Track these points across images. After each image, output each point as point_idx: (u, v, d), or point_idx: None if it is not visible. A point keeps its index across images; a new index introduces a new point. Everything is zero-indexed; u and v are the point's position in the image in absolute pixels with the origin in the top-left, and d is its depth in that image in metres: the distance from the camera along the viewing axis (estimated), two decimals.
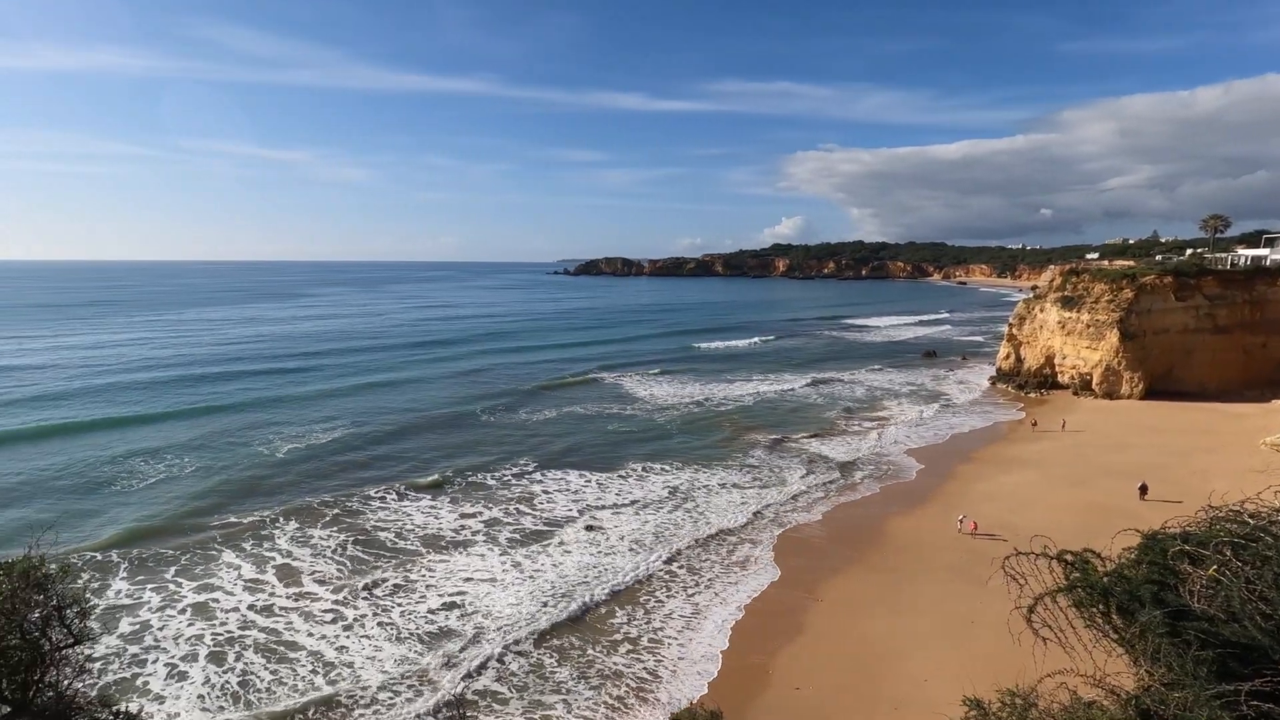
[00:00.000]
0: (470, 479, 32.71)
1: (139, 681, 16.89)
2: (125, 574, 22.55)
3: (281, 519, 27.24)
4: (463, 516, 28.10)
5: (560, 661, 18.17)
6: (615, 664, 18.02)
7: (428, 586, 22.16)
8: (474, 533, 26.60)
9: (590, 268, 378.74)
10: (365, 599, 21.19)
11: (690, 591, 21.93)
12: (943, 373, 64.09)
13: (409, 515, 28.09)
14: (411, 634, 19.37)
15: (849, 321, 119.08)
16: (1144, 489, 29.21)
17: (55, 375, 55.46)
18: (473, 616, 20.31)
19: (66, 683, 7.14)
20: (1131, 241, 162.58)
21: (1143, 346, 50.82)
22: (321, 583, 22.28)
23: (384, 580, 22.41)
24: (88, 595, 7.57)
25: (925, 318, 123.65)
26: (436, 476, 32.61)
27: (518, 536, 26.32)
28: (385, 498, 29.92)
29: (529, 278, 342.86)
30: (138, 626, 19.42)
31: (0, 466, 32.36)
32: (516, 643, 18.92)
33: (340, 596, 21.37)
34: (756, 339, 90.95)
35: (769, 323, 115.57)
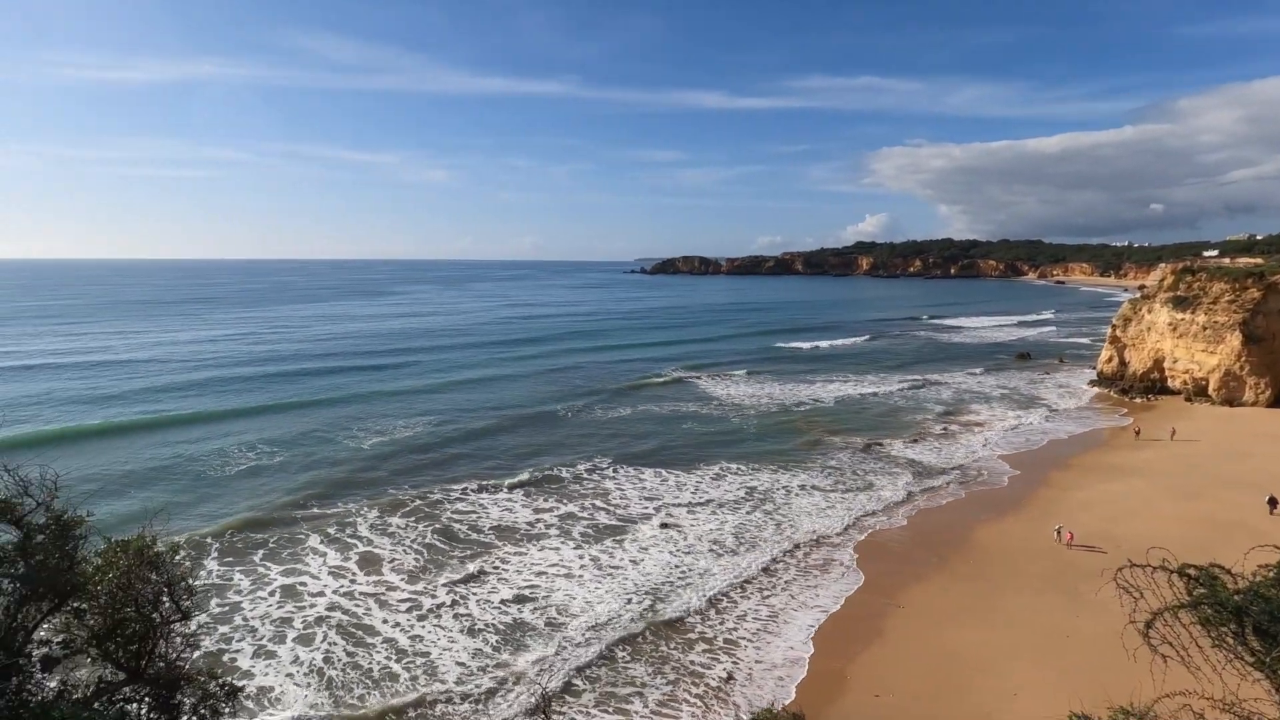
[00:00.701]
0: (547, 474, 33.24)
1: (226, 658, 17.81)
2: (215, 556, 23.83)
3: (365, 509, 28.30)
4: (538, 511, 28.58)
5: (635, 657, 18.20)
6: (692, 662, 17.94)
7: (502, 579, 22.59)
8: (549, 527, 27.00)
9: (667, 266, 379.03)
10: (447, 588, 21.82)
11: (767, 593, 21.64)
12: (1039, 376, 61.06)
13: (486, 509, 28.77)
14: (487, 625, 19.76)
15: (937, 321, 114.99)
16: (1274, 502, 27.02)
17: (160, 369, 59.47)
18: (546, 609, 20.58)
19: (174, 654, 7.67)
20: (1259, 237, 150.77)
21: (1270, 350, 47.07)
22: (399, 571, 23.06)
23: (472, 572, 22.98)
24: (217, 569, 8.21)
25: (1022, 318, 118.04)
26: (514, 472, 33.27)
27: (593, 532, 26.57)
28: (463, 491, 30.71)
29: (606, 276, 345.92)
30: (227, 607, 20.46)
31: (111, 455, 34.82)
32: (595, 638, 19.08)
33: (418, 586, 22.03)
34: (840, 339, 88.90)
35: (853, 322, 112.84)
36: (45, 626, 7.43)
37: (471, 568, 23.36)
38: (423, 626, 19.70)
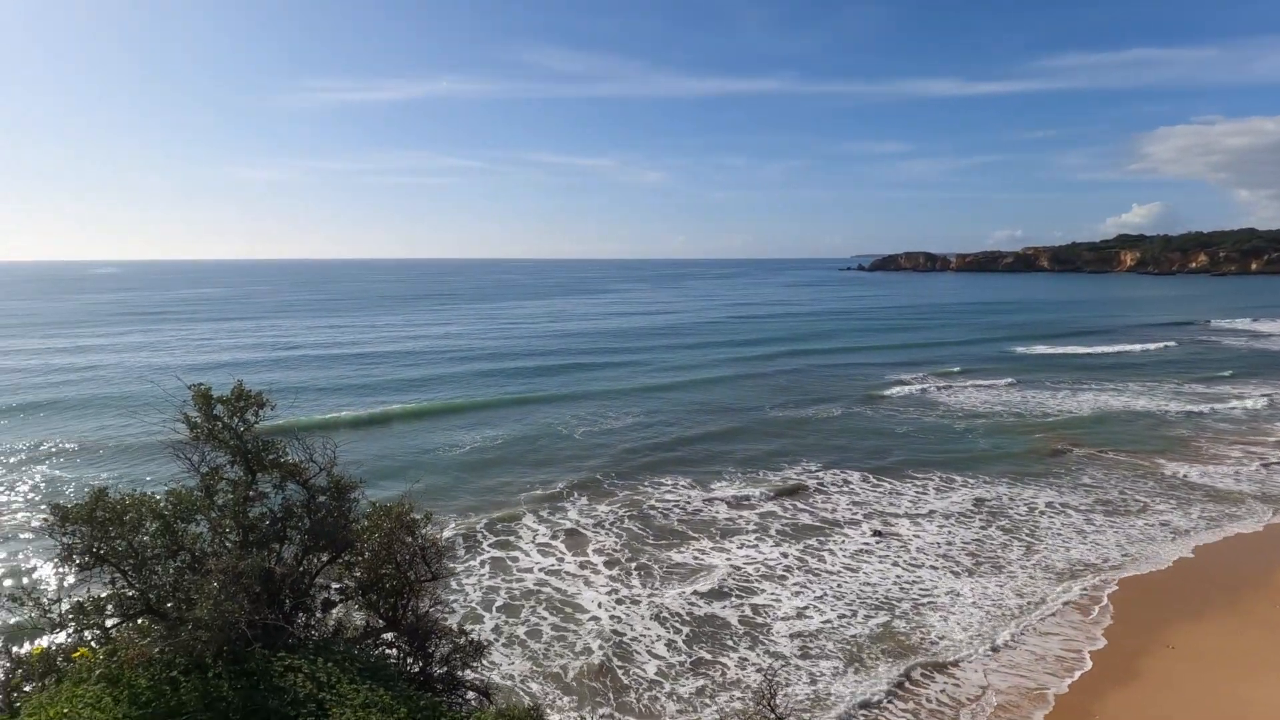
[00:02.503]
0: (749, 474, 33.52)
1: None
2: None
3: (575, 495, 30.26)
4: (738, 507, 28.93)
5: (861, 671, 17.67)
6: (921, 684, 17.13)
7: (701, 572, 23.04)
8: (747, 523, 27.30)
9: (888, 263, 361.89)
10: (645, 575, 22.70)
11: (1003, 611, 20.02)
12: None
13: (687, 502, 29.65)
14: (685, 617, 20.20)
15: (1229, 325, 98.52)
16: None
17: (411, 361, 67.67)
18: (741, 607, 20.60)
19: (425, 609, 8.87)
20: None
21: None
22: (601, 554, 24.48)
23: (673, 562, 23.79)
24: (449, 537, 9.52)
25: None
26: (717, 470, 33.99)
27: (792, 531, 26.41)
28: (667, 484, 31.85)
29: (821, 274, 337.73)
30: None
31: (369, 442, 40.23)
32: (813, 646, 18.81)
33: (615, 571, 23.24)
34: (1096, 345, 79.23)
35: (1113, 325, 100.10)
36: (324, 575, 8.93)
37: (672, 558, 24.21)
38: (621, 610, 20.68)
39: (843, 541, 25.56)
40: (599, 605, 20.91)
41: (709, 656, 18.48)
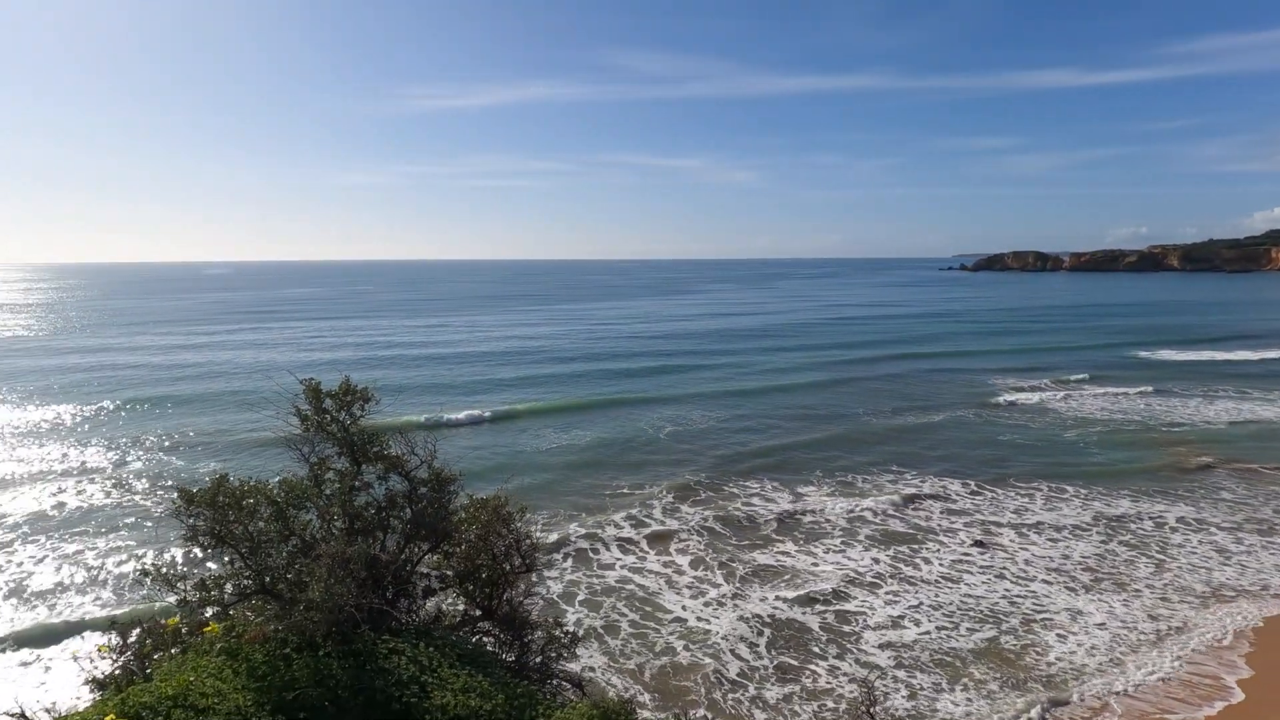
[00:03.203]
0: (839, 478, 32.99)
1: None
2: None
3: (661, 493, 30.52)
4: (825, 511, 28.49)
5: (971, 689, 17.06)
6: (1051, 707, 16.41)
7: (786, 576, 22.78)
8: (834, 527, 26.93)
9: (993, 263, 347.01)
10: (729, 576, 22.60)
11: (1137, 635, 18.87)
12: None
13: (774, 504, 29.44)
14: (767, 621, 20.05)
15: None
16: None
17: (502, 361, 69.68)
18: (826, 614, 20.22)
19: (519, 600, 9.18)
20: None
21: None
22: (685, 554, 24.57)
23: (757, 564, 23.61)
24: (540, 531, 9.85)
25: None
26: (804, 473, 33.57)
27: (881, 537, 25.81)
28: (754, 485, 31.74)
29: (919, 275, 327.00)
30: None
31: (464, 440, 41.62)
32: (907, 657, 18.32)
33: (700, 571, 23.27)
34: (1234, 351, 73.39)
35: (1259, 329, 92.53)
36: (424, 563, 9.36)
37: (756, 559, 24.11)
38: (703, 610, 20.68)
39: (938, 550, 24.83)
40: (681, 606, 21.00)
41: (795, 662, 18.24)
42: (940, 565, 23.65)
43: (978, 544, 25.17)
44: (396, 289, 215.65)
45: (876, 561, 23.99)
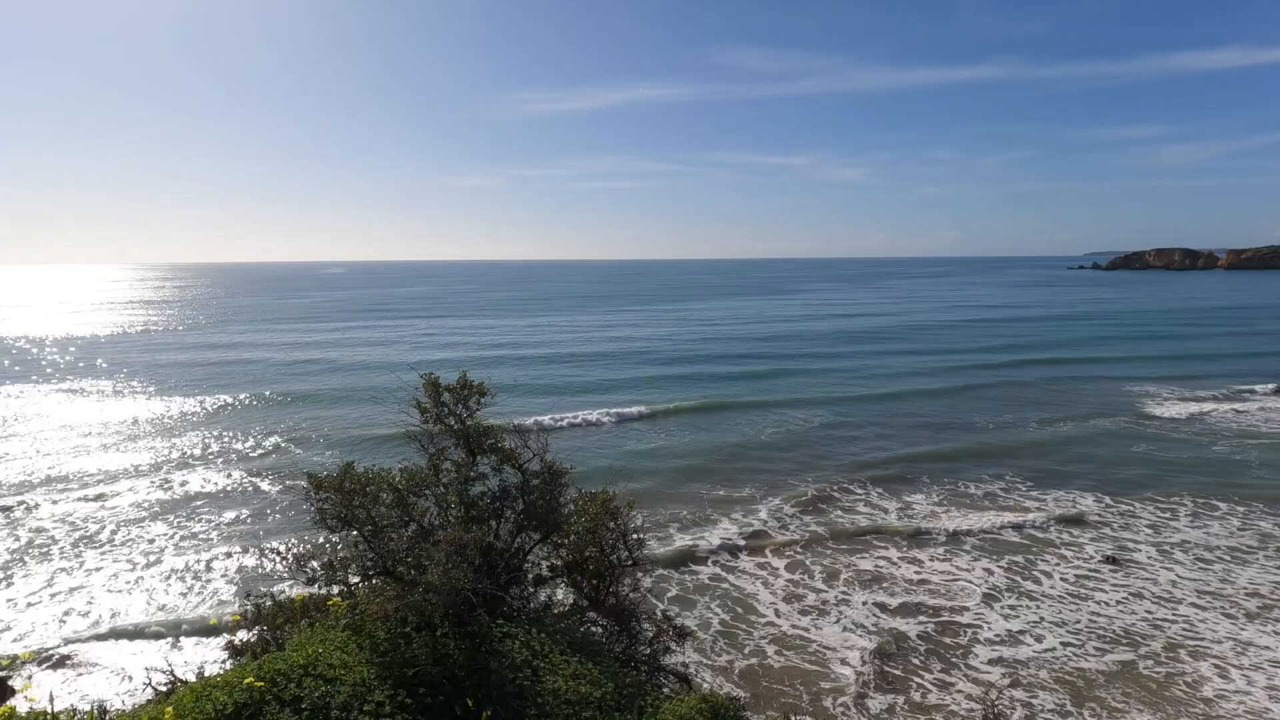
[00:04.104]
0: (950, 487, 31.90)
1: None
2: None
3: (764, 496, 30.39)
4: (932, 519, 27.68)
5: (1099, 714, 16.21)
6: None
7: (889, 583, 22.27)
8: (939, 533, 26.19)
9: (1132, 261, 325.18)
10: (829, 580, 22.22)
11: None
12: None
13: (882, 511, 28.83)
14: (863, 627, 19.65)
15: None
16: None
17: (606, 362, 70.89)
18: (926, 625, 19.54)
19: (625, 592, 9.48)
20: None
21: None
22: (783, 557, 24.41)
23: (859, 569, 23.16)
24: (645, 527, 10.17)
25: None
26: (914, 480, 32.74)
27: (991, 547, 24.72)
28: (860, 491, 31.23)
29: (1048, 274, 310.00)
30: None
31: (564, 442, 42.68)
32: (1024, 674, 17.56)
33: (797, 575, 23.06)
34: None
35: None
36: (534, 553, 9.80)
37: (857, 565, 23.71)
38: (798, 614, 20.49)
39: (1058, 564, 23.68)
40: (774, 609, 20.91)
41: (898, 672, 17.80)
42: (1064, 580, 22.52)
43: (1110, 560, 23.79)
44: (498, 288, 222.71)
45: (989, 573, 23.11)
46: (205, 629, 18.80)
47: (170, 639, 18.58)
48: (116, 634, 18.80)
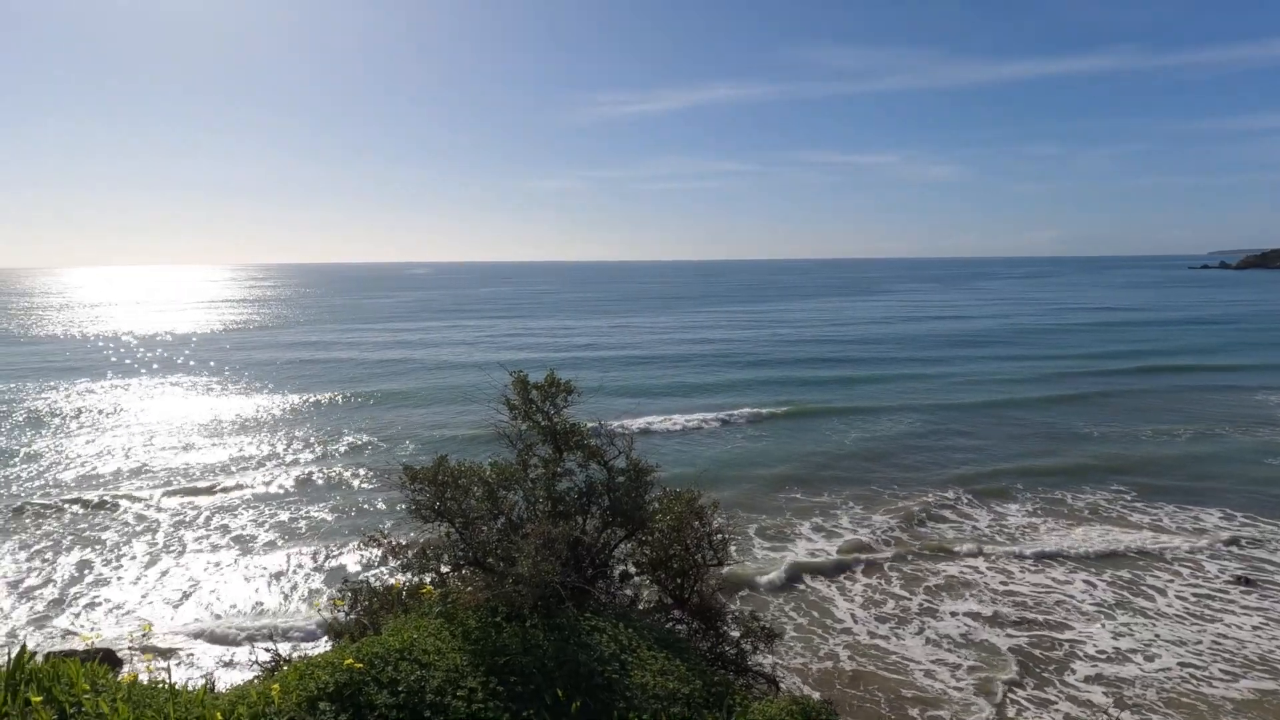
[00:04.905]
0: (1044, 494, 30.84)
1: None
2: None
3: (847, 502, 29.98)
4: (1029, 529, 26.71)
5: None
6: None
7: (982, 592, 21.52)
8: (1043, 545, 25.18)
9: (1269, 259, 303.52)
10: (909, 586, 21.68)
11: None
12: None
13: (971, 518, 28.13)
14: (949, 638, 19.10)
15: None
16: None
17: (687, 364, 71.09)
18: (1020, 637, 18.78)
19: (709, 592, 9.59)
20: None
21: None
22: (860, 560, 24.10)
23: (949, 576, 22.55)
24: (730, 527, 10.32)
25: None
26: (1009, 488, 31.71)
27: (1093, 559, 23.64)
28: (950, 497, 30.45)
29: (1165, 274, 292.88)
30: None
31: (641, 443, 42.97)
32: (1130, 694, 16.78)
33: (872, 580, 22.70)
34: None
35: None
36: (619, 549, 10.02)
37: (945, 570, 23.19)
38: (876, 621, 20.17)
39: (1171, 580, 22.49)
40: (850, 614, 20.63)
41: (986, 685, 17.27)
42: (1181, 599, 21.35)
43: (1242, 580, 22.37)
44: (577, 289, 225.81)
45: (1091, 586, 22.16)
46: (305, 613, 19.88)
47: (271, 620, 19.73)
48: (218, 615, 20.11)
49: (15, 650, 7.09)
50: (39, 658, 7.35)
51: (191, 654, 18.10)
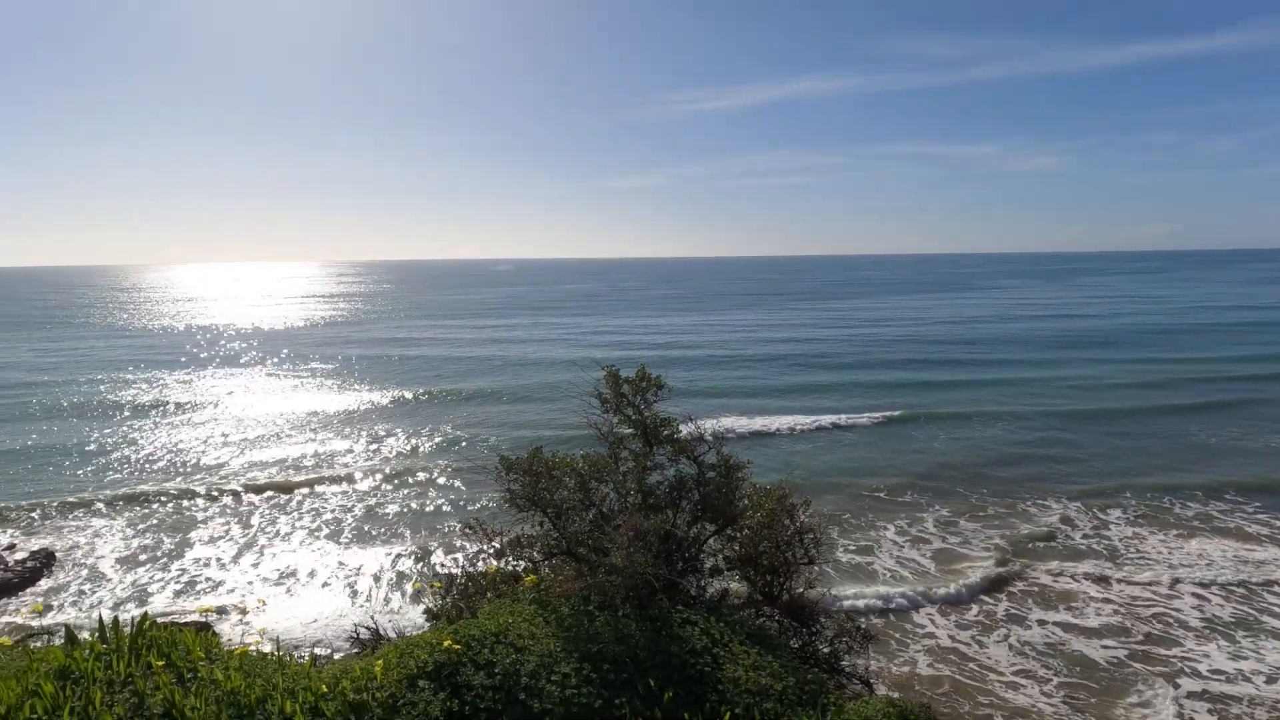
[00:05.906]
0: (1153, 503, 29.42)
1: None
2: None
3: (934, 506, 29.41)
4: (1133, 540, 25.66)
5: None
6: None
7: (1079, 603, 20.71)
8: (1140, 555, 24.21)
9: None
10: (993, 593, 20.95)
11: None
12: None
13: (1072, 526, 27.14)
14: (1042, 649, 18.50)
15: None
16: None
17: (769, 363, 70.55)
18: (1119, 649, 17.81)
19: (800, 590, 9.61)
20: None
21: None
22: (947, 568, 23.55)
23: (1042, 584, 21.71)
24: (821, 526, 10.27)
25: None
26: (1111, 496, 30.38)
27: (1210, 578, 22.17)
28: (1052, 503, 29.55)
29: None
30: None
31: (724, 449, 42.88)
32: (1233, 713, 15.88)
33: (954, 587, 21.85)
34: None
35: None
36: (709, 544, 10.14)
37: (1040, 580, 22.47)
38: (957, 628, 19.75)
39: None
40: (930, 619, 20.16)
41: (1078, 693, 16.60)
42: None
43: None
44: (660, 285, 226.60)
45: (1202, 600, 21.00)
46: (400, 597, 20.81)
47: (366, 602, 20.72)
48: (315, 595, 21.26)
49: (138, 617, 7.71)
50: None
51: (290, 630, 19.19)
